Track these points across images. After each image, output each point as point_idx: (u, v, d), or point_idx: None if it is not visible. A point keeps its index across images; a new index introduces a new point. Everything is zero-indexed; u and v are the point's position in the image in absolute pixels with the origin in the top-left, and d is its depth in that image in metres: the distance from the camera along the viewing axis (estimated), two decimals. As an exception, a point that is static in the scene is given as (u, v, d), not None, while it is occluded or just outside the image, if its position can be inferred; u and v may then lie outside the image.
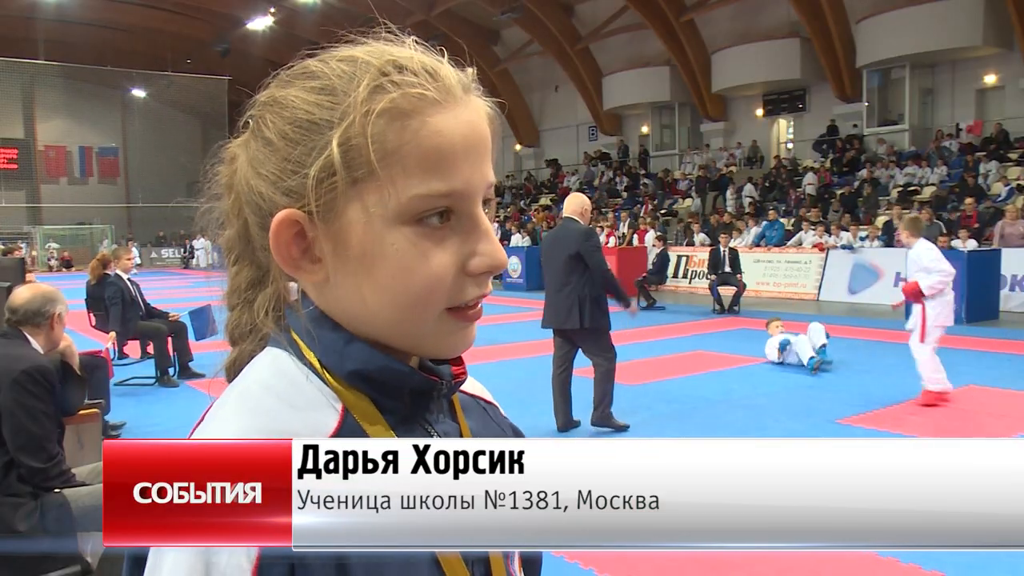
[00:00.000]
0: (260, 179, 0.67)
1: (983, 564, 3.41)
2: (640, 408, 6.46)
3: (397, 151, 0.62)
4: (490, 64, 29.46)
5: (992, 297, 11.79)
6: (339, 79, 0.64)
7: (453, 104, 0.65)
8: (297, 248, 0.66)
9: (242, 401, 0.65)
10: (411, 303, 0.65)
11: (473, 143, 0.65)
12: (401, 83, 0.63)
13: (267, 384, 0.66)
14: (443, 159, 0.63)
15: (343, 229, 0.64)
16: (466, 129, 0.65)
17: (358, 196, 0.63)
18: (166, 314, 8.08)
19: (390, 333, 0.67)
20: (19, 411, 2.74)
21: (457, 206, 0.65)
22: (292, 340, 0.69)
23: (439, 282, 0.64)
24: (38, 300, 3.07)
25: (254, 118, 0.69)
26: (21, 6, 30.73)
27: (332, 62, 0.66)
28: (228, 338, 0.75)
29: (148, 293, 8.38)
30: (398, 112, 0.63)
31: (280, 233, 0.65)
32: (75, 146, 40.12)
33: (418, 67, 0.64)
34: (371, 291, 0.65)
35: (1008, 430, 5.64)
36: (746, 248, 15.96)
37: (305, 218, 0.64)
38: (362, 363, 0.67)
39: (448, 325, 0.67)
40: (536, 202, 27.66)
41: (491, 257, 0.66)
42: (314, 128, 0.64)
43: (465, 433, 0.75)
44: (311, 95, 0.65)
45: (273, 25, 30.78)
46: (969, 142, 18.79)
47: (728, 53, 22.98)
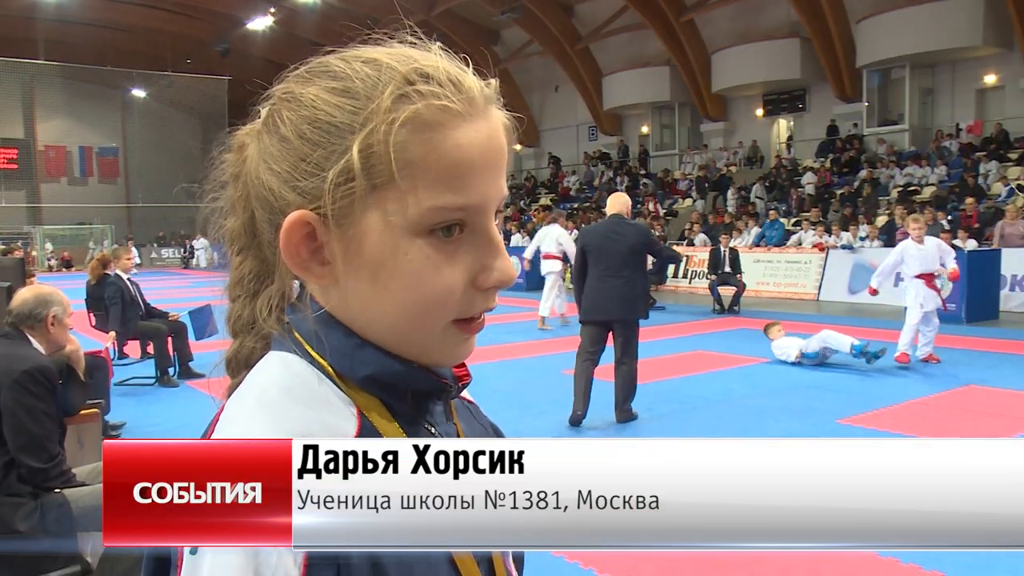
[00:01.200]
0: (272, 175, 0.66)
1: (983, 564, 3.40)
2: (640, 408, 6.46)
3: (418, 162, 0.62)
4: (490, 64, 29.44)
5: (992, 297, 11.79)
6: (362, 83, 0.64)
7: (475, 117, 0.64)
8: (307, 249, 0.65)
9: (262, 402, 0.64)
10: (420, 313, 0.65)
11: (491, 157, 0.65)
12: (426, 93, 0.63)
13: (285, 387, 0.65)
14: (462, 173, 0.63)
15: (357, 235, 0.64)
16: (486, 143, 0.65)
17: (376, 203, 0.63)
18: (166, 314, 8.08)
19: (395, 340, 0.67)
20: (20, 411, 2.74)
21: (471, 220, 0.65)
22: (297, 341, 0.68)
23: (449, 294, 0.65)
24: (31, 302, 3.06)
25: (269, 111, 0.68)
26: (21, 6, 30.72)
27: (355, 63, 0.65)
28: (229, 330, 0.74)
29: (148, 293, 8.38)
30: (422, 123, 0.62)
31: (291, 234, 0.64)
32: (75, 146, 40.10)
33: (443, 77, 0.64)
34: (380, 298, 0.65)
35: (1008, 430, 5.64)
36: (746, 248, 15.97)
37: (318, 220, 0.64)
38: (376, 367, 0.66)
39: (453, 336, 0.67)
40: (536, 202, 27.67)
41: (501, 272, 0.66)
42: (334, 131, 0.63)
43: (460, 434, 0.76)
44: (333, 96, 0.64)
45: (273, 25, 30.75)
46: (969, 142, 18.79)
47: (728, 53, 22.98)
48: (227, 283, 0.74)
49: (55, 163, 39.42)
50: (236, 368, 0.72)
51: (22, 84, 36.68)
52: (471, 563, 0.68)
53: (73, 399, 3.32)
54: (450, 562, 0.66)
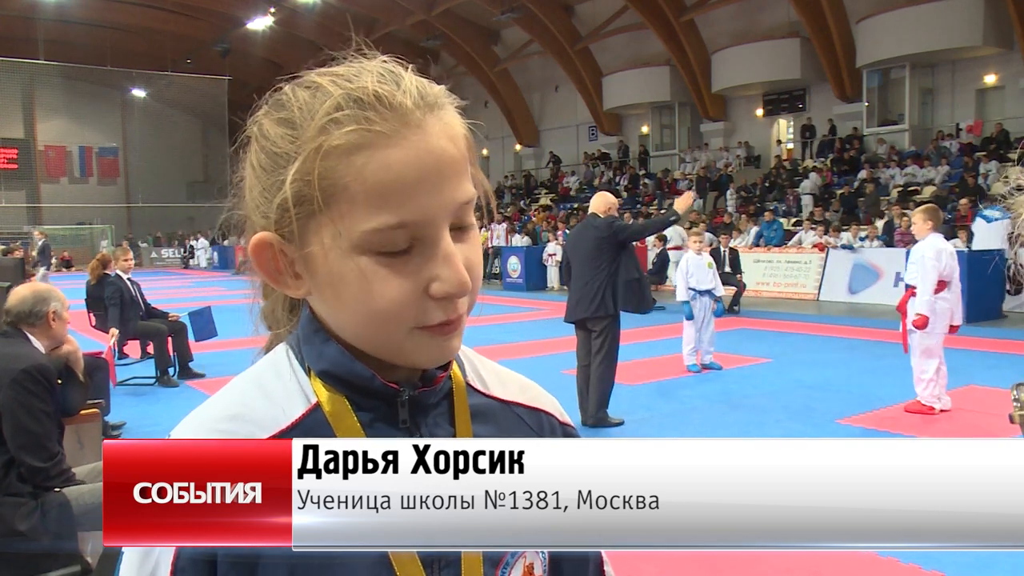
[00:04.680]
0: (249, 199, 0.72)
1: (983, 564, 3.40)
2: (640, 408, 6.46)
3: (348, 186, 0.64)
4: (490, 64, 29.46)
5: (994, 297, 11.79)
6: (299, 111, 0.67)
7: (405, 134, 0.64)
8: (281, 264, 0.70)
9: (227, 387, 0.72)
10: (377, 324, 0.68)
11: (429, 171, 0.65)
12: (352, 117, 0.64)
13: (257, 372, 0.73)
14: (391, 193, 0.64)
15: (312, 255, 0.68)
16: (419, 159, 0.64)
17: (316, 229, 0.66)
18: (166, 314, 8.08)
19: (365, 344, 0.70)
20: (19, 410, 2.74)
21: (416, 233, 0.66)
22: (295, 337, 0.75)
23: (399, 305, 0.66)
24: (30, 300, 3.06)
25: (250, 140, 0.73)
26: (21, 6, 30.71)
27: (298, 90, 0.68)
28: (265, 324, 0.83)
29: (148, 293, 8.38)
30: (349, 147, 0.64)
31: (257, 253, 0.70)
32: (75, 146, 40.09)
33: (372, 98, 0.64)
34: (341, 310, 0.69)
35: (1008, 430, 5.62)
36: (746, 248, 15.96)
37: (279, 241, 0.69)
38: (330, 364, 0.71)
39: (420, 340, 0.69)
40: (536, 202, 27.67)
41: (450, 283, 0.66)
42: (279, 161, 0.67)
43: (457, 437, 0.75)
44: (277, 127, 0.68)
45: (273, 25, 30.71)
46: (969, 142, 18.79)
47: (728, 53, 22.98)
48: (258, 284, 0.81)
49: (55, 163, 39.42)
50: None
51: (22, 84, 36.66)
52: (413, 564, 0.68)
53: (73, 399, 3.32)
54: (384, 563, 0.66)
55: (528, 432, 0.81)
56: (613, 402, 5.99)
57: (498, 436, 0.76)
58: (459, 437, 0.75)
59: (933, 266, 5.81)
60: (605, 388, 5.87)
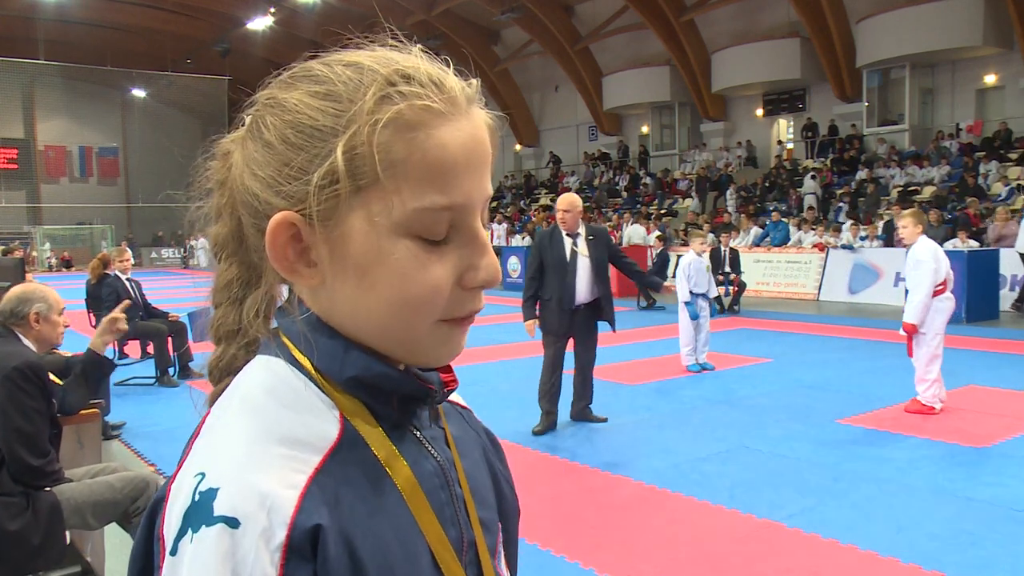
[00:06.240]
0: (256, 180, 0.66)
1: (984, 564, 3.40)
2: (640, 408, 6.46)
3: (402, 162, 0.62)
4: (490, 64, 29.45)
5: (992, 297, 11.80)
6: (344, 86, 0.64)
7: (457, 116, 0.64)
8: (293, 252, 0.65)
9: (244, 405, 0.64)
10: (407, 313, 0.64)
11: (475, 156, 0.65)
12: (408, 94, 0.63)
13: (268, 388, 0.65)
14: (446, 172, 0.63)
15: (343, 236, 0.64)
16: (469, 142, 0.65)
17: (360, 204, 0.63)
18: (166, 314, 8.08)
19: (382, 340, 0.67)
20: (10, 408, 2.73)
21: (457, 219, 0.65)
22: (283, 344, 0.68)
23: (437, 294, 0.64)
24: (12, 300, 3.04)
25: (253, 117, 0.69)
26: (21, 6, 30.71)
27: (337, 67, 0.65)
28: (212, 336, 0.73)
29: (148, 293, 8.38)
30: (404, 123, 0.62)
31: (277, 235, 0.64)
32: (75, 146, 40.10)
33: (424, 78, 0.64)
34: (366, 299, 0.64)
35: (1008, 430, 5.64)
36: (746, 248, 15.96)
37: (302, 222, 0.64)
38: (361, 370, 0.66)
39: (441, 334, 0.67)
40: (536, 202, 27.66)
41: (487, 271, 0.66)
42: (317, 135, 0.63)
43: (448, 438, 0.75)
44: (315, 100, 0.64)
45: (273, 25, 30.74)
46: (969, 142, 18.79)
47: (728, 53, 22.98)
48: (211, 289, 0.73)
49: (55, 163, 39.42)
50: (218, 375, 0.72)
51: (22, 84, 36.66)
52: (454, 563, 0.68)
53: (74, 399, 3.31)
54: (433, 564, 0.66)
55: (471, 431, 0.82)
56: (613, 402, 5.99)
57: (460, 436, 0.78)
58: (447, 438, 0.75)
59: (933, 269, 5.84)
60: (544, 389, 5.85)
